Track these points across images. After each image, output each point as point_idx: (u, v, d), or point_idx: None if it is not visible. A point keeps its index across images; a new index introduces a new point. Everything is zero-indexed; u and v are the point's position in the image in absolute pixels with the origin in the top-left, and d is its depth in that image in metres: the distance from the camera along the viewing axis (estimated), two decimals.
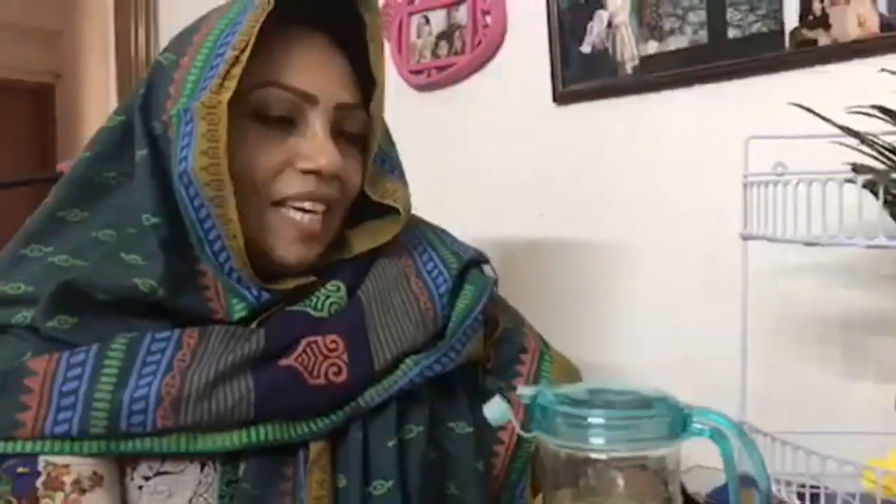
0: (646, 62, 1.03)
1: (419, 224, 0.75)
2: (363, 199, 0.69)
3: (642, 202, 1.04)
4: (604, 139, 1.08)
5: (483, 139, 1.22)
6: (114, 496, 0.58)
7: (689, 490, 0.75)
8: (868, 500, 0.62)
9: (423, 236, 0.73)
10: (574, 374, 0.79)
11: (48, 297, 0.58)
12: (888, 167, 0.62)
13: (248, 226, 0.61)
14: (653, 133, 1.03)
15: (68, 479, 0.56)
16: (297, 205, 0.64)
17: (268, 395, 0.58)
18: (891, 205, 0.61)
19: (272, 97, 0.63)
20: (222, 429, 0.58)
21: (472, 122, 1.23)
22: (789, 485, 0.65)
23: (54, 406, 0.56)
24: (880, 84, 0.65)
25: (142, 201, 0.62)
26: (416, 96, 1.28)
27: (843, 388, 0.86)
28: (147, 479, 0.59)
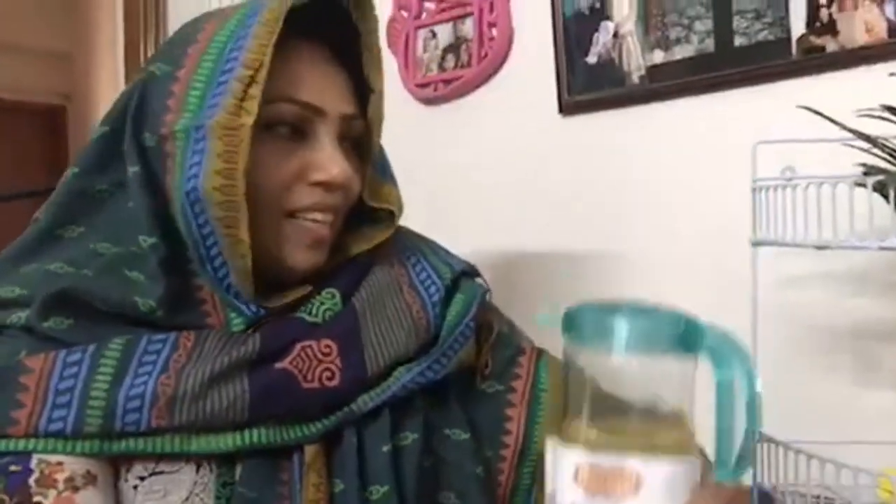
0: (652, 71, 1.02)
1: (411, 235, 0.76)
2: (357, 202, 0.70)
3: (651, 212, 1.03)
4: (611, 149, 1.08)
5: (490, 151, 1.22)
6: (107, 495, 0.57)
7: None
8: None
9: (416, 247, 0.74)
10: None
11: (45, 298, 0.58)
12: None
13: (257, 237, 0.61)
14: (660, 142, 1.03)
15: (61, 477, 0.56)
16: (310, 216, 0.65)
17: (262, 397, 0.59)
18: None
19: (284, 112, 0.63)
20: (216, 430, 0.58)
21: (478, 135, 1.23)
22: (803, 496, 0.63)
23: (49, 404, 0.56)
24: (889, 90, 0.64)
25: (138, 220, 0.62)
26: (422, 110, 1.28)
27: (856, 397, 0.85)
28: (142, 478, 0.58)
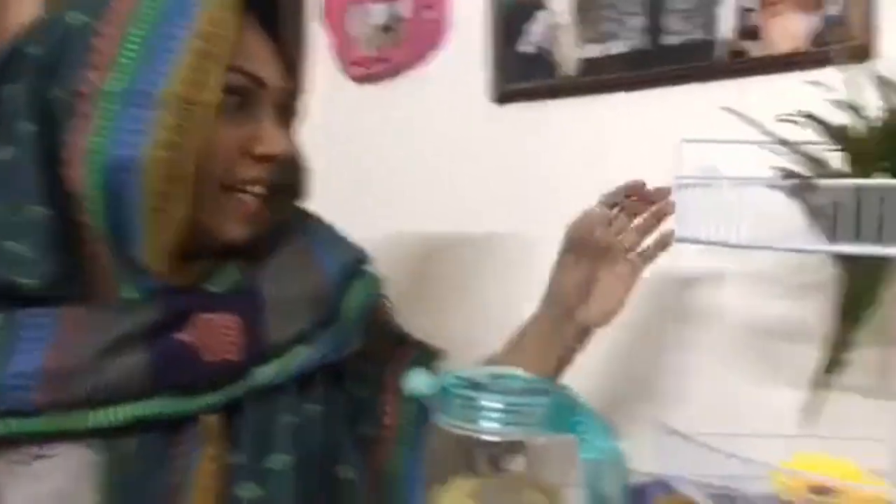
0: (585, 64, 1.03)
1: (315, 218, 0.75)
2: None
3: (579, 203, 1.04)
4: (543, 139, 1.08)
5: (421, 134, 1.21)
6: None
7: None
8: (776, 501, 0.63)
9: (319, 230, 0.73)
10: (439, 354, 0.81)
11: None
12: (814, 173, 0.63)
13: (190, 211, 0.59)
14: (592, 135, 1.04)
15: None
16: (250, 189, 0.63)
17: (162, 368, 0.57)
18: (814, 211, 0.63)
19: (232, 82, 0.60)
20: (112, 403, 0.56)
21: (410, 117, 1.22)
22: (703, 486, 0.66)
23: None
24: (808, 97, 0.66)
25: (23, 186, 0.57)
26: (354, 88, 1.26)
27: (759, 393, 0.87)
28: (27, 458, 0.55)
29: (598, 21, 1.02)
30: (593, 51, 1.02)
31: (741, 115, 0.67)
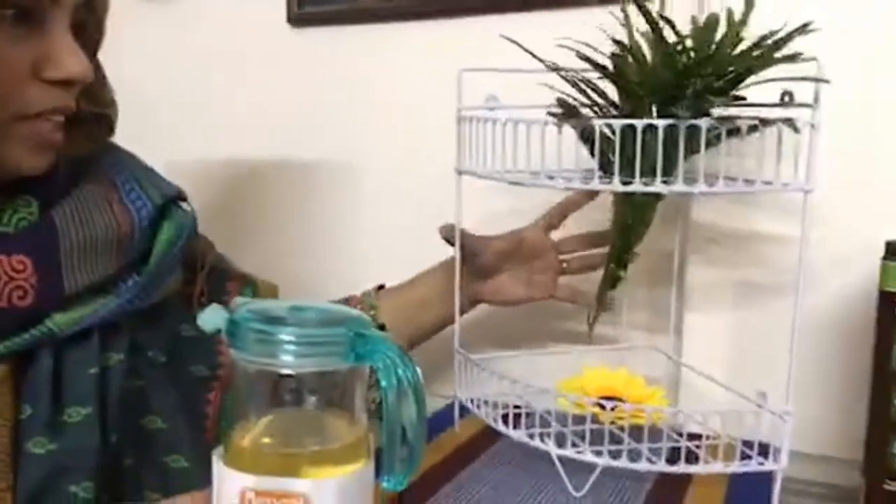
0: None
1: (123, 153, 0.70)
2: None
3: (370, 130, 1.05)
4: (336, 65, 1.07)
5: (211, 57, 1.14)
6: None
7: None
8: (562, 416, 0.68)
9: (128, 165, 0.68)
10: (274, 292, 0.81)
11: None
12: (586, 112, 0.67)
13: None
14: (384, 62, 1.04)
15: None
16: (45, 118, 0.57)
17: None
18: (588, 141, 0.66)
19: None
20: None
21: (199, 38, 1.15)
22: (496, 407, 0.70)
23: None
24: (586, 35, 0.68)
25: None
26: (135, 5, 1.16)
27: (550, 316, 0.94)
28: None
29: None
30: None
31: (517, 44, 0.68)
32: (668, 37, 0.61)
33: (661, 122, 0.59)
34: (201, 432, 0.67)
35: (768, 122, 0.61)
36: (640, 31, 0.64)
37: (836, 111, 0.61)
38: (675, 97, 0.61)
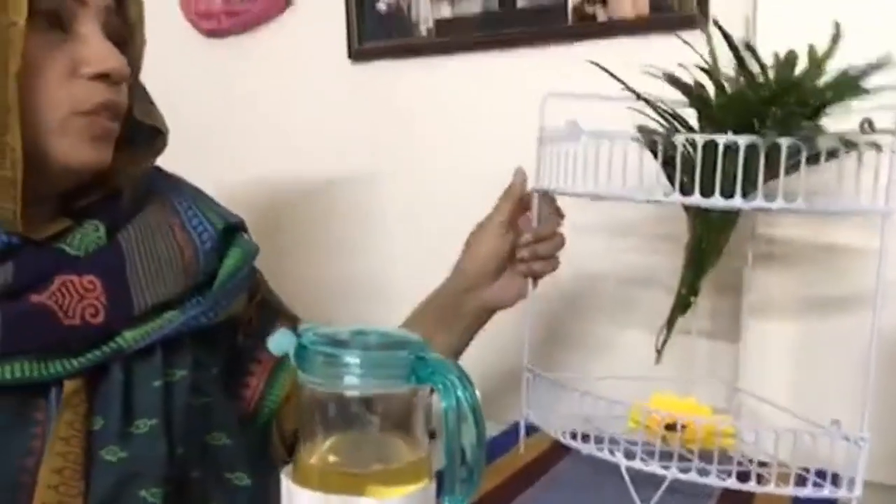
0: (440, 25, 1.04)
1: (184, 183, 0.73)
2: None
3: (435, 160, 1.07)
4: (398, 98, 1.09)
5: (273, 90, 1.18)
6: None
7: None
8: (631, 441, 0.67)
9: (189, 194, 0.72)
10: None
11: None
12: (668, 129, 0.67)
13: (30, 142, 0.56)
14: (445, 93, 1.05)
15: None
16: (98, 114, 0.60)
17: (15, 331, 0.55)
18: (668, 165, 0.66)
19: (41, 2, 0.56)
20: None
21: (263, 74, 1.19)
22: (565, 427, 0.70)
23: None
24: (652, 59, 0.69)
25: None
26: (204, 42, 1.21)
27: (617, 337, 0.93)
28: None
29: None
30: (447, 11, 1.04)
31: (606, 70, 0.68)
32: (751, 66, 0.62)
33: (742, 139, 0.60)
34: (262, 449, 0.69)
35: (849, 143, 0.61)
36: (723, 58, 0.65)
37: None
38: (755, 126, 0.61)
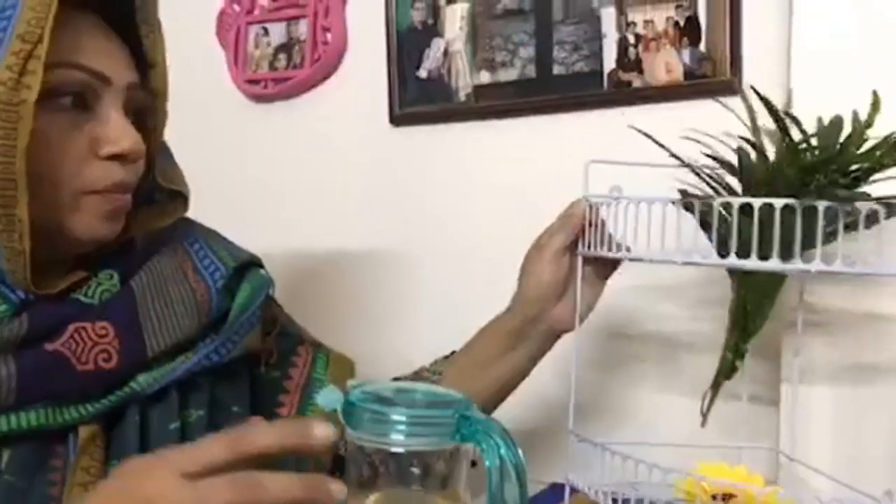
0: (479, 91, 1.07)
1: (194, 224, 0.75)
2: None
3: (472, 223, 1.08)
4: (438, 163, 1.11)
5: (317, 154, 1.21)
6: None
7: None
8: None
9: (199, 235, 0.73)
10: (348, 365, 0.81)
11: None
12: (708, 194, 0.67)
13: (41, 216, 0.57)
14: (485, 159, 1.07)
15: None
16: (109, 193, 0.62)
17: (31, 380, 0.56)
18: (706, 226, 0.66)
19: (67, 79, 0.58)
20: None
21: (307, 138, 1.22)
22: (609, 492, 0.70)
23: None
24: (686, 125, 0.71)
25: None
26: (251, 107, 1.25)
27: (660, 401, 0.92)
28: None
29: (491, 50, 1.07)
30: (485, 78, 1.07)
31: (647, 135, 0.69)
32: (794, 134, 0.62)
33: (777, 202, 0.59)
34: None
35: (891, 206, 0.60)
36: (765, 127, 0.65)
37: None
38: (797, 194, 0.61)
